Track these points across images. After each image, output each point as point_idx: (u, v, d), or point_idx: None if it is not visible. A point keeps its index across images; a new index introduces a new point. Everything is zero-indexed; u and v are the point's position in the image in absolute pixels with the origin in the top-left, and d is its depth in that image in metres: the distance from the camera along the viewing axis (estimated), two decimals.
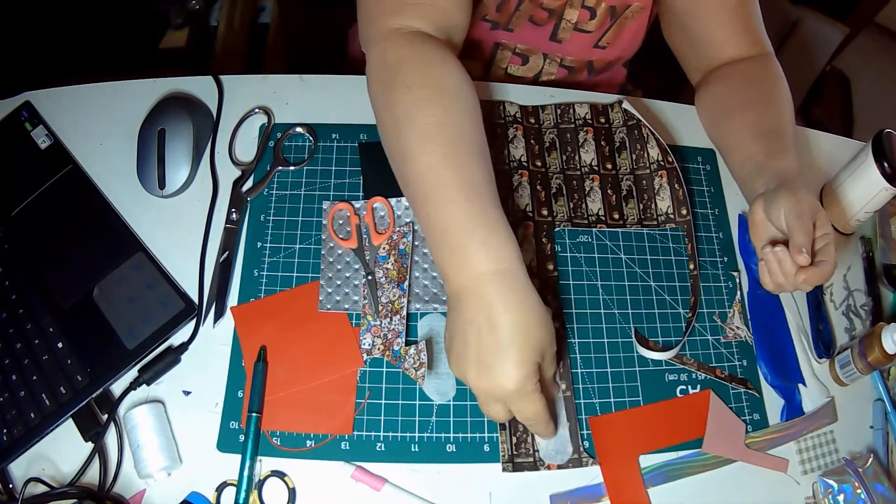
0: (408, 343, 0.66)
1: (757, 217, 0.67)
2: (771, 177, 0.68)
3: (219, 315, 0.66)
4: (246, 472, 0.59)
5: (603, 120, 0.80)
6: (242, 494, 0.59)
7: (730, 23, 0.78)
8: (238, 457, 0.61)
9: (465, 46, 0.86)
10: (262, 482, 0.61)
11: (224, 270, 0.68)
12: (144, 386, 0.63)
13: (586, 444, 0.65)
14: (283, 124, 0.76)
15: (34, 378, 0.64)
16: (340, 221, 0.71)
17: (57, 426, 0.62)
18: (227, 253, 0.69)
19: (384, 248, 0.70)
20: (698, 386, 0.69)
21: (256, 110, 0.77)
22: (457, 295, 0.57)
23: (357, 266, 0.69)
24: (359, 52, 0.91)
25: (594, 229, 0.74)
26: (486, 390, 0.55)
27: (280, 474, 0.61)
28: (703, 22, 0.79)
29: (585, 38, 0.84)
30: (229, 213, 0.71)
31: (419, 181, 0.60)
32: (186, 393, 0.64)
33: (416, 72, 0.63)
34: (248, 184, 0.73)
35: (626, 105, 0.78)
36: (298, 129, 0.76)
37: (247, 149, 0.75)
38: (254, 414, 0.61)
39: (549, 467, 0.63)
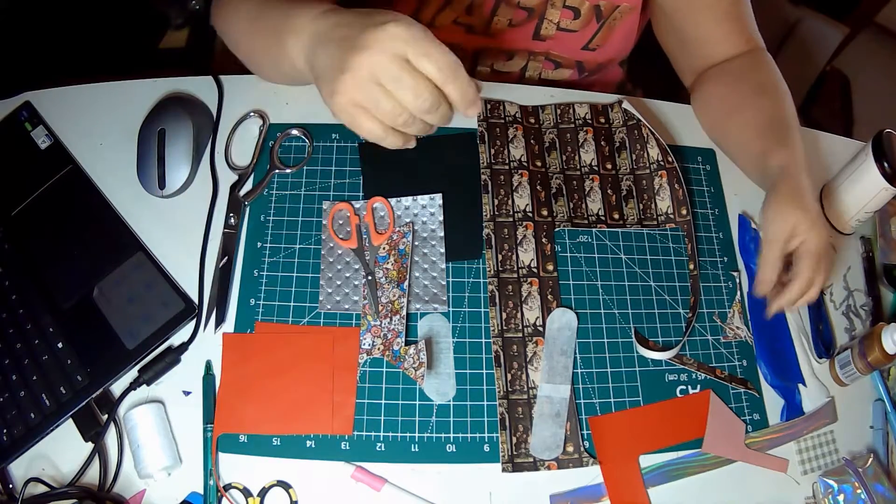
0: (408, 343, 0.66)
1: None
2: (770, 183, 0.69)
3: (219, 321, 0.66)
4: (210, 482, 0.59)
5: (603, 120, 0.80)
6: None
7: (723, 22, 0.78)
8: (238, 457, 0.61)
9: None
10: (265, 490, 0.60)
11: (224, 276, 0.68)
12: (144, 386, 0.63)
13: (586, 444, 0.65)
14: (280, 125, 0.76)
15: (34, 378, 0.64)
16: (340, 221, 0.71)
17: (57, 426, 0.62)
18: (226, 258, 0.69)
19: (384, 248, 0.70)
20: (698, 386, 0.69)
21: (251, 114, 0.76)
22: (310, 42, 0.56)
23: (357, 266, 0.69)
24: None
25: (594, 229, 0.74)
26: (383, 44, 0.49)
27: (285, 485, 0.61)
28: (696, 22, 0.79)
29: (572, 38, 0.84)
30: (227, 217, 0.71)
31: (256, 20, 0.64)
32: (186, 393, 0.64)
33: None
34: (247, 186, 0.73)
35: (625, 105, 0.78)
36: (294, 132, 0.76)
37: (244, 152, 0.75)
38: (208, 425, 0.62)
39: (548, 467, 0.63)
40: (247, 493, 0.60)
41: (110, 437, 0.62)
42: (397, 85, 0.50)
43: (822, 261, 0.65)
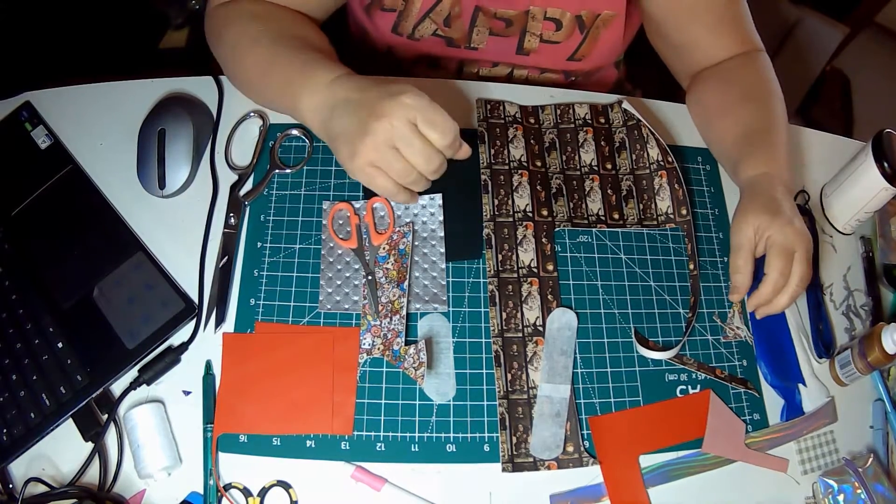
0: (408, 343, 0.66)
1: None
2: (740, 194, 0.70)
3: (219, 321, 0.66)
4: (210, 482, 0.59)
5: (603, 120, 0.80)
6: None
7: (716, 26, 0.78)
8: (238, 457, 0.61)
9: (430, 61, 0.85)
10: (265, 490, 0.60)
11: (224, 276, 0.68)
12: (144, 386, 0.63)
13: (586, 443, 0.65)
14: (280, 125, 0.76)
15: (34, 378, 0.64)
16: (340, 221, 0.71)
17: (57, 426, 0.62)
18: (226, 258, 0.69)
19: (384, 248, 0.70)
20: (698, 386, 0.69)
21: (251, 114, 0.76)
22: (326, 105, 0.61)
23: (357, 266, 0.69)
24: (360, 51, 0.92)
25: (594, 229, 0.74)
26: (399, 112, 0.57)
27: (285, 485, 0.61)
28: (688, 28, 0.78)
29: (556, 50, 0.83)
30: (227, 217, 0.71)
31: (260, 71, 0.68)
32: (186, 393, 0.64)
33: (247, 21, 0.71)
34: (247, 187, 0.73)
35: (625, 105, 0.78)
36: (294, 132, 0.76)
37: (244, 152, 0.75)
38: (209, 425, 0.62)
39: (548, 467, 0.63)
40: (247, 492, 0.60)
41: (110, 437, 0.62)
42: (410, 149, 0.58)
43: (793, 254, 0.64)
